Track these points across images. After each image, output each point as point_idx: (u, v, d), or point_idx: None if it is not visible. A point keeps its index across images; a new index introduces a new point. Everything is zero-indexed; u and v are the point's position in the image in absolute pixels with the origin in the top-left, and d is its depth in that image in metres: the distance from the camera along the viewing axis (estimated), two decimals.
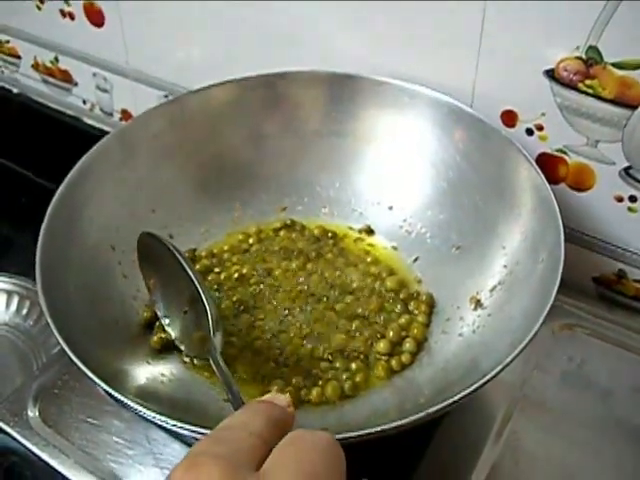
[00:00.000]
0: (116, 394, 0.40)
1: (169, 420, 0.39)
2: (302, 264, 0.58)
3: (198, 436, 0.39)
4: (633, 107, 0.51)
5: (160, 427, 0.43)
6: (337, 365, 0.51)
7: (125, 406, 0.40)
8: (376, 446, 0.41)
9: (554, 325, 0.57)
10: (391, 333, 0.52)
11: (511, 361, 0.41)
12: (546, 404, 0.53)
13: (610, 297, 0.61)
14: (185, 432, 0.39)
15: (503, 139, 0.54)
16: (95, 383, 0.41)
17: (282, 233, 0.61)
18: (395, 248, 0.59)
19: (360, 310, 0.54)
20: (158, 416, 0.39)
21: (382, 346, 0.51)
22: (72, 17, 0.78)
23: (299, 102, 0.62)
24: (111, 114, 0.84)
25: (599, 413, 0.52)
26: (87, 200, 0.54)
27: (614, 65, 0.51)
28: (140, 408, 0.40)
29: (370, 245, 0.60)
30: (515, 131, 0.58)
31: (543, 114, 0.56)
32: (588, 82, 0.52)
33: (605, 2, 0.49)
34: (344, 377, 0.50)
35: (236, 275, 0.57)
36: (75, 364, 0.42)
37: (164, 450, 0.50)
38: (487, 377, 0.40)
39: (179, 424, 0.39)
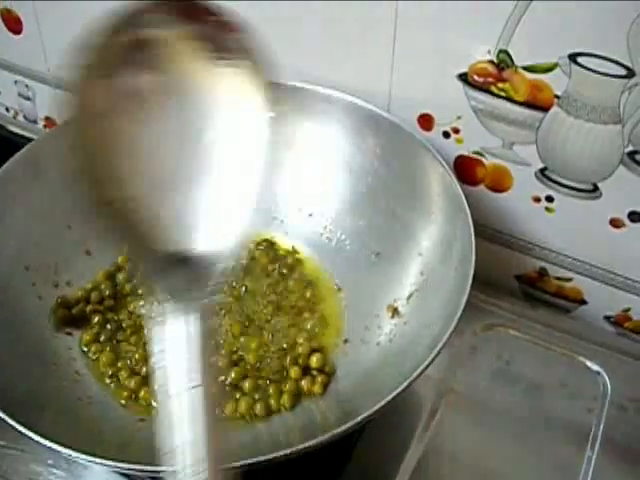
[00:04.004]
0: (27, 432, 0.40)
1: (80, 455, 0.39)
2: None
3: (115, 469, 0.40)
4: (545, 109, 0.52)
5: None
6: (250, 385, 0.50)
7: (40, 444, 0.40)
8: None
9: (479, 324, 0.57)
10: (300, 350, 0.52)
11: (418, 376, 0.42)
12: (473, 399, 0.54)
13: (533, 295, 0.62)
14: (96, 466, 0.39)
15: (418, 144, 0.54)
16: (3, 420, 0.41)
17: None
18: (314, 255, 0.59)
19: (274, 325, 0.54)
20: (68, 451, 0.39)
21: (294, 373, 0.51)
22: None
23: None
24: (35, 121, 0.82)
25: (526, 408, 0.53)
26: None
27: (525, 69, 0.51)
28: (47, 443, 0.40)
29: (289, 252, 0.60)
30: (432, 134, 0.58)
31: (459, 117, 0.56)
32: (500, 85, 0.53)
33: (514, 6, 0.49)
34: (257, 397, 0.50)
35: None
36: None
37: (84, 473, 0.49)
38: (391, 395, 0.40)
39: (94, 459, 0.39)
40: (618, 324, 0.60)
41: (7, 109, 0.84)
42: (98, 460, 0.39)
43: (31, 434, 0.40)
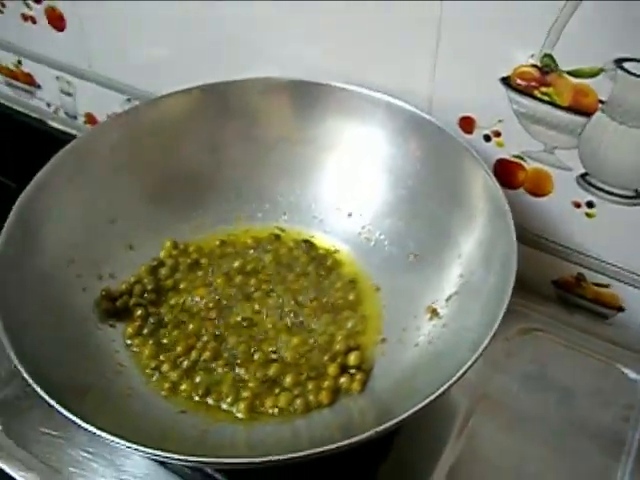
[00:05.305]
0: (68, 414, 0.41)
1: (120, 441, 0.40)
2: (257, 281, 0.58)
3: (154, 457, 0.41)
4: (588, 115, 0.52)
5: None
6: (291, 380, 0.51)
7: (80, 427, 0.41)
8: None
9: (515, 328, 0.58)
10: (338, 348, 0.53)
11: (458, 379, 0.42)
12: (506, 404, 0.54)
13: (570, 300, 0.62)
14: (139, 453, 0.40)
15: (460, 147, 0.55)
16: (45, 401, 0.41)
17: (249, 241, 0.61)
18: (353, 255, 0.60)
19: (313, 323, 0.55)
20: (109, 436, 0.40)
21: (332, 370, 0.51)
22: (34, 21, 0.77)
23: (258, 110, 0.62)
24: (75, 117, 0.83)
25: (560, 414, 0.53)
26: (44, 215, 0.54)
27: (569, 73, 0.51)
28: (92, 428, 0.40)
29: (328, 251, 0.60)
30: (473, 137, 0.58)
31: (500, 121, 0.56)
32: (544, 90, 0.53)
33: (559, 11, 0.49)
34: (296, 392, 0.50)
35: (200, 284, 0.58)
36: (27, 382, 0.42)
37: (125, 462, 0.50)
38: (432, 397, 0.41)
39: (132, 445, 0.40)
40: None
41: (48, 104, 0.85)
42: (140, 447, 0.39)
43: (73, 417, 0.41)
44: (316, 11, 0.59)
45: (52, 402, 0.41)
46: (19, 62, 0.83)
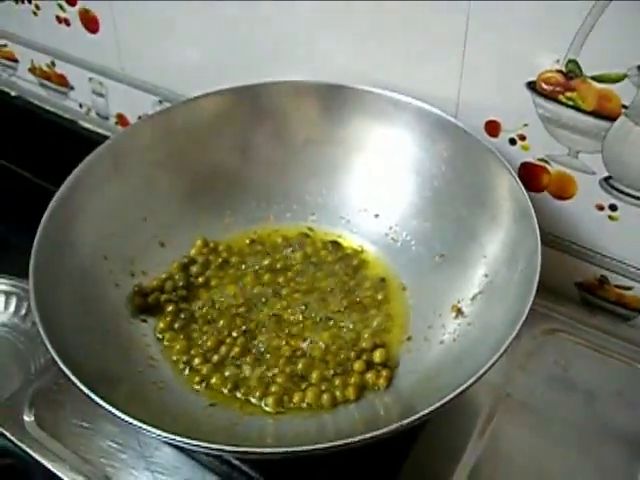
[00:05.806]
0: (101, 402, 0.42)
1: (151, 429, 0.41)
2: (285, 279, 0.59)
3: (184, 445, 0.41)
4: (612, 119, 0.52)
5: None
6: (318, 376, 0.52)
7: (112, 414, 0.42)
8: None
9: (538, 329, 0.58)
10: (364, 345, 0.54)
11: (481, 376, 0.43)
12: (529, 404, 0.54)
13: (593, 302, 0.62)
14: (170, 442, 0.41)
15: (485, 150, 0.55)
16: (80, 389, 0.42)
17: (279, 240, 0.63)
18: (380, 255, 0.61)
19: (341, 320, 0.56)
20: (140, 424, 0.41)
21: (358, 366, 0.52)
22: (68, 23, 0.79)
23: (288, 112, 0.63)
24: (107, 118, 0.85)
25: (582, 415, 0.53)
26: (79, 212, 0.56)
27: (593, 78, 0.52)
28: (123, 416, 0.41)
29: (355, 251, 0.61)
30: (498, 141, 0.59)
31: (525, 125, 0.57)
32: (568, 94, 0.53)
33: (584, 18, 0.49)
34: (323, 387, 0.51)
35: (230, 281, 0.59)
36: (63, 371, 0.43)
37: (155, 453, 0.51)
38: (455, 393, 0.41)
39: (163, 434, 0.40)
40: None
41: (80, 105, 0.87)
42: (168, 435, 0.40)
43: (106, 405, 0.42)
44: (347, 17, 0.60)
45: (86, 390, 0.42)
46: (53, 63, 0.85)
